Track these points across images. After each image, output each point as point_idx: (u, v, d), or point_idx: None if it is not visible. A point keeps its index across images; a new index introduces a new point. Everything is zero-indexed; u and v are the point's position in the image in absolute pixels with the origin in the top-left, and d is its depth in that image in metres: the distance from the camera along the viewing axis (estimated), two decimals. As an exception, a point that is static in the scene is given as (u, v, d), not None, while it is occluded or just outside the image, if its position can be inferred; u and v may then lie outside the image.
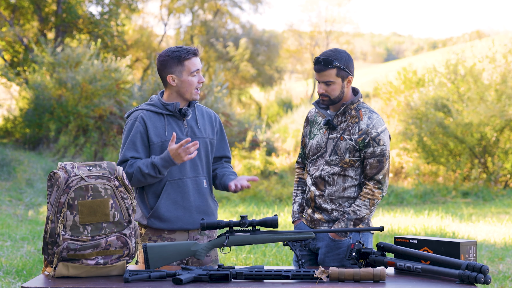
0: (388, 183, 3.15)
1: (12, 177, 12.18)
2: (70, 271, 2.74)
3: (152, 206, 3.23)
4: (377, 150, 3.15)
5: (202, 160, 3.31)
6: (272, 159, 15.76)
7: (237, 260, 6.32)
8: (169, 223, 3.21)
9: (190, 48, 3.24)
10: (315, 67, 3.21)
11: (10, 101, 18.79)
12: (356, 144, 3.16)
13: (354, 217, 3.15)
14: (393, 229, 8.39)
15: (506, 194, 12.72)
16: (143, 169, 3.11)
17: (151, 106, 3.27)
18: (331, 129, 3.25)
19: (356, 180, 3.20)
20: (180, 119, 3.27)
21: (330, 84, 3.18)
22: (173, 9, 26.38)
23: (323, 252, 3.20)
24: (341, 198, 3.21)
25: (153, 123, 3.22)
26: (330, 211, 3.21)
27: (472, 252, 2.87)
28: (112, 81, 15.69)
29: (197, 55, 3.25)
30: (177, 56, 3.20)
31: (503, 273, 5.96)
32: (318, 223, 3.24)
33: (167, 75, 3.24)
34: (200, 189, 3.28)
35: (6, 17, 18.67)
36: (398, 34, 74.46)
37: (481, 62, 14.19)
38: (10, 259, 6.30)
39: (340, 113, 3.23)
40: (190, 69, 3.22)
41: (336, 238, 3.17)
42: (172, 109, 3.24)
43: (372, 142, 3.15)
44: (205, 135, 3.33)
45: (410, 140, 14.65)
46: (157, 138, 3.21)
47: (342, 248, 3.17)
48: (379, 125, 3.17)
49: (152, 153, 3.21)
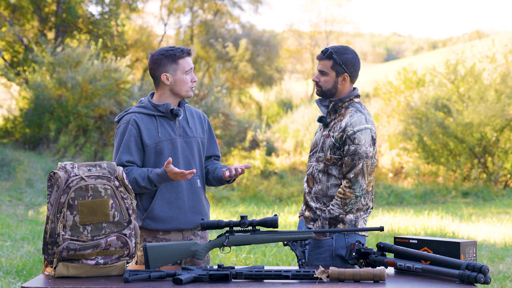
0: (365, 185, 3.13)
1: (12, 177, 12.18)
2: (70, 271, 2.74)
3: (146, 207, 3.23)
4: (351, 148, 3.16)
5: (195, 160, 3.32)
6: (272, 159, 15.77)
7: (237, 260, 6.32)
8: (164, 223, 3.22)
9: (183, 47, 3.27)
10: (318, 55, 3.29)
11: (10, 101, 18.78)
12: (336, 142, 3.20)
13: (328, 216, 3.16)
14: (393, 229, 8.39)
15: (506, 194, 12.72)
16: (140, 181, 3.12)
17: (142, 108, 3.26)
18: (324, 126, 3.31)
19: (339, 179, 3.22)
20: (172, 120, 3.28)
21: (324, 74, 3.24)
22: (173, 9, 26.38)
23: (308, 251, 3.24)
24: (325, 197, 3.23)
25: (145, 125, 3.22)
26: (314, 209, 3.25)
27: (472, 252, 2.87)
28: (112, 81, 15.69)
29: (190, 54, 3.28)
30: (172, 55, 3.23)
31: (503, 273, 5.96)
32: (307, 220, 3.29)
33: (161, 74, 3.25)
34: (194, 189, 3.29)
35: (6, 17, 18.66)
36: (398, 34, 74.47)
37: (481, 62, 14.19)
38: (10, 259, 6.30)
39: (330, 110, 3.27)
40: (184, 67, 3.24)
41: (317, 237, 3.19)
42: (164, 110, 3.24)
43: (347, 140, 3.17)
44: (197, 134, 3.35)
45: (410, 140, 14.65)
46: (150, 140, 3.21)
47: (323, 248, 3.18)
48: (357, 124, 3.17)
49: (147, 155, 3.21)
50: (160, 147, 3.21)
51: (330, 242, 3.17)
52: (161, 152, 3.22)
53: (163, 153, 3.22)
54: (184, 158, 3.28)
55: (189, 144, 3.30)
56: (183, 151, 3.28)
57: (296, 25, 35.68)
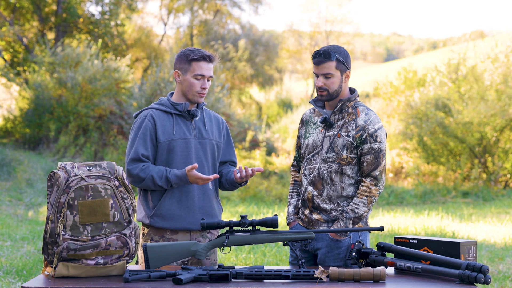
0: (385, 181, 3.16)
1: (12, 177, 12.18)
2: (70, 271, 2.74)
3: (155, 205, 3.23)
4: (374, 146, 3.16)
5: (208, 162, 3.32)
6: (272, 159, 15.77)
7: (237, 260, 6.32)
8: (172, 222, 3.21)
9: (204, 51, 3.25)
10: (315, 60, 3.22)
11: (10, 101, 18.78)
12: (354, 141, 3.18)
13: (352, 215, 3.15)
14: (393, 229, 8.39)
15: (506, 194, 12.72)
16: (156, 180, 3.15)
17: (161, 105, 3.30)
18: (328, 126, 3.25)
19: (353, 178, 3.21)
20: (189, 120, 3.29)
21: (330, 77, 3.20)
22: (172, 9, 26.37)
23: (323, 253, 3.19)
24: (340, 198, 3.20)
25: (161, 122, 3.24)
26: (329, 210, 3.21)
27: (472, 252, 2.87)
28: (112, 80, 15.69)
29: (208, 60, 3.24)
30: (188, 54, 3.25)
31: (503, 273, 5.96)
32: (316, 223, 3.23)
33: (174, 70, 3.30)
34: (205, 190, 3.29)
35: (6, 17, 18.66)
36: (398, 34, 74.51)
37: (483, 62, 14.18)
38: (10, 259, 6.30)
39: (337, 110, 3.24)
40: (195, 70, 3.23)
41: (336, 237, 3.17)
42: (181, 109, 3.26)
43: (369, 139, 3.16)
44: (212, 137, 3.35)
45: (410, 140, 14.65)
46: (164, 137, 3.22)
47: (342, 248, 3.17)
48: (376, 122, 3.19)
49: (159, 151, 3.23)
50: (173, 145, 3.23)
51: (349, 241, 3.17)
52: (173, 150, 3.23)
53: (175, 151, 3.23)
54: (197, 159, 3.28)
55: (203, 146, 3.30)
56: (197, 152, 3.28)
57: (296, 25, 35.63)
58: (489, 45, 14.98)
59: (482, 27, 75.52)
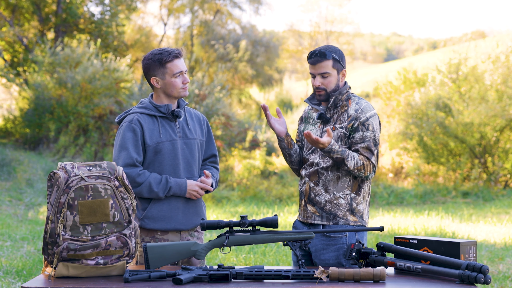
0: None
1: (12, 177, 12.18)
2: (70, 271, 2.74)
3: (145, 207, 3.25)
4: (366, 135, 3.16)
5: (195, 161, 3.35)
6: (272, 159, 15.76)
7: (237, 260, 6.32)
8: (162, 223, 3.24)
9: (172, 50, 3.25)
10: (311, 60, 3.23)
11: (10, 101, 18.78)
12: (346, 131, 3.19)
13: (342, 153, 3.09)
14: (393, 229, 8.38)
15: (506, 194, 12.72)
16: (153, 187, 3.17)
17: (144, 109, 3.28)
18: (325, 122, 3.28)
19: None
20: (173, 121, 3.30)
21: (327, 76, 3.22)
22: (172, 9, 26.36)
23: (317, 249, 3.20)
24: (335, 187, 3.20)
25: (147, 125, 3.24)
26: (324, 203, 3.21)
27: (472, 252, 2.87)
28: (111, 80, 15.68)
29: (179, 57, 3.26)
30: (159, 59, 3.23)
31: (503, 273, 5.96)
32: (310, 216, 3.24)
33: (150, 78, 3.28)
34: None
35: (6, 17, 18.66)
36: (398, 34, 74.50)
37: (484, 62, 14.18)
38: (10, 259, 6.30)
39: (331, 105, 3.26)
40: (172, 71, 3.24)
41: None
42: (165, 111, 3.27)
43: (361, 127, 3.17)
44: (196, 136, 3.37)
45: (410, 140, 14.64)
46: (151, 141, 3.23)
47: (337, 245, 3.17)
48: (368, 110, 3.19)
49: (147, 155, 3.23)
50: (160, 147, 3.24)
51: (344, 240, 3.17)
52: (160, 152, 3.24)
53: (162, 153, 3.24)
54: (184, 159, 3.30)
55: (189, 146, 3.32)
56: (183, 152, 3.30)
57: (296, 25, 35.63)
58: (490, 45, 14.97)
59: (483, 27, 75.42)
